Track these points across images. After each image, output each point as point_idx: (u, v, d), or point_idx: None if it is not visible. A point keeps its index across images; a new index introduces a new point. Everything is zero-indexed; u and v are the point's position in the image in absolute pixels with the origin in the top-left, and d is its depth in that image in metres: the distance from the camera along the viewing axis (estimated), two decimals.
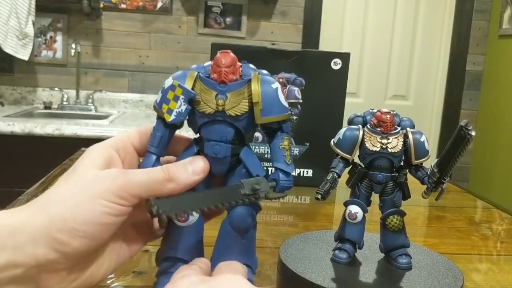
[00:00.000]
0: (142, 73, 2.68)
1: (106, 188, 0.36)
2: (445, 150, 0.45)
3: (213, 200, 0.40)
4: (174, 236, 0.43)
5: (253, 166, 0.43)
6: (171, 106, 0.41)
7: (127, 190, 0.37)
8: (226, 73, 0.41)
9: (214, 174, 0.43)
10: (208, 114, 0.41)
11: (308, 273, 0.46)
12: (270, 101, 0.41)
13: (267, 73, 0.44)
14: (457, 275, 0.48)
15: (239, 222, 0.43)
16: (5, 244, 0.33)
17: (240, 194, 0.41)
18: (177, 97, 0.40)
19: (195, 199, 0.39)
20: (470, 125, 0.42)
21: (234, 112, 0.41)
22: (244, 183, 0.41)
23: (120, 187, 0.37)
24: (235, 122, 0.41)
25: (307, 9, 2.75)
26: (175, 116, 0.41)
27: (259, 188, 0.41)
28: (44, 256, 0.34)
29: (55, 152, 1.31)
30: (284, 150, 0.43)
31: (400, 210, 0.50)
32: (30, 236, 0.34)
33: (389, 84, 2.95)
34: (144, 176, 0.38)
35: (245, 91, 0.41)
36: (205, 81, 0.41)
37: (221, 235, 0.44)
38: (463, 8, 2.88)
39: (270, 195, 0.42)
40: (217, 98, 0.41)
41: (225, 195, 0.41)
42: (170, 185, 0.39)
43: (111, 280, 0.50)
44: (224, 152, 0.42)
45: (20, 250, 0.33)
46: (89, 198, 0.36)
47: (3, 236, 0.33)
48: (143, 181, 0.38)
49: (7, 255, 0.33)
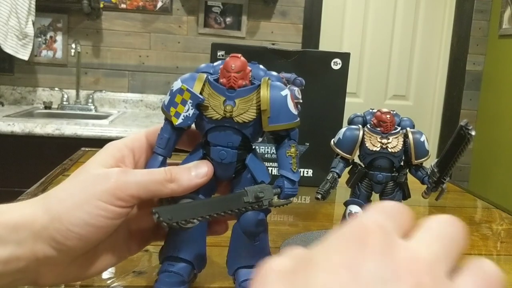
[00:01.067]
0: (142, 73, 2.68)
1: (104, 188, 0.36)
2: (445, 150, 0.45)
3: (215, 208, 0.39)
4: (177, 236, 0.44)
5: (258, 172, 0.43)
6: (179, 109, 0.40)
7: (124, 190, 0.37)
8: (235, 79, 0.40)
9: (219, 179, 0.43)
10: (216, 120, 0.41)
11: None
12: (279, 109, 0.41)
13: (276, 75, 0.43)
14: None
15: (249, 226, 0.43)
16: (8, 239, 0.34)
17: (243, 202, 0.40)
18: (185, 101, 0.40)
19: (197, 207, 0.39)
20: (470, 125, 0.42)
21: (241, 119, 0.40)
22: (248, 191, 0.41)
23: (117, 187, 0.36)
24: (242, 129, 0.41)
25: (307, 9, 2.75)
26: (182, 120, 0.41)
27: (263, 196, 0.41)
28: (42, 252, 0.35)
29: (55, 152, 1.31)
30: (291, 158, 0.43)
31: None
32: (30, 233, 0.35)
33: (389, 84, 2.95)
34: (144, 177, 0.38)
35: (253, 98, 0.41)
36: (214, 85, 0.41)
37: (234, 240, 0.44)
38: (463, 8, 2.88)
39: (274, 203, 0.42)
40: (225, 104, 0.40)
41: (228, 203, 0.40)
42: (171, 186, 0.39)
43: (111, 280, 0.50)
44: (230, 157, 0.42)
45: (22, 245, 0.35)
46: (87, 200, 0.36)
47: (7, 231, 0.35)
48: (142, 181, 0.38)
49: (11, 249, 0.34)
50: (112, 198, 0.36)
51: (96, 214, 0.36)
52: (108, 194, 0.36)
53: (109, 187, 0.36)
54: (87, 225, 0.36)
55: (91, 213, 0.36)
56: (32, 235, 0.35)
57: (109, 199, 0.36)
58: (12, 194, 0.70)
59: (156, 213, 0.37)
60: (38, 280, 0.37)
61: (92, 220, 0.36)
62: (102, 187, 0.36)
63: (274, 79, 0.43)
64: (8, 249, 0.34)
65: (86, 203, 0.36)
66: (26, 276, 0.36)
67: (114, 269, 0.52)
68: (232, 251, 0.45)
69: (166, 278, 0.43)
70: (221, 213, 0.39)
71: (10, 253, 0.34)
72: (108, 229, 0.37)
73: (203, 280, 0.49)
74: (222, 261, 0.47)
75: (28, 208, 0.36)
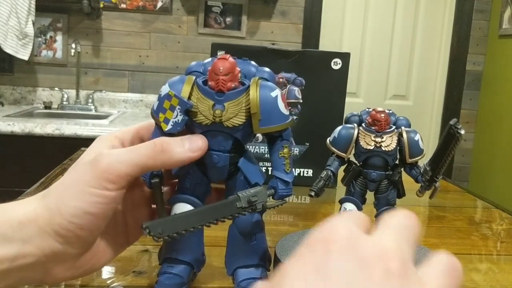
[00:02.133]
0: (142, 73, 2.68)
1: (94, 174, 0.36)
2: (436, 149, 0.45)
3: (207, 217, 0.38)
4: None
5: (251, 174, 0.42)
6: (168, 115, 0.40)
7: (112, 172, 0.36)
8: (224, 82, 0.39)
9: (212, 181, 0.43)
10: (206, 125, 0.40)
11: None
12: (269, 111, 0.40)
13: (269, 71, 0.43)
14: None
15: (245, 227, 0.43)
16: (14, 237, 0.35)
17: (236, 208, 0.40)
18: (174, 107, 0.39)
19: (189, 218, 0.38)
20: (459, 124, 0.42)
21: (231, 123, 0.40)
22: (241, 196, 0.40)
23: (105, 169, 0.36)
24: (233, 133, 0.41)
25: (307, 9, 2.75)
26: (171, 126, 0.40)
27: (256, 200, 0.40)
28: (50, 248, 0.36)
29: (55, 152, 1.31)
30: (284, 159, 0.42)
31: (395, 208, 0.50)
32: (36, 230, 0.35)
33: (389, 84, 2.95)
34: (131, 154, 0.37)
35: (243, 101, 0.40)
36: (202, 89, 0.40)
37: (231, 240, 0.44)
38: (463, 8, 2.88)
39: (268, 204, 0.41)
40: (214, 109, 0.39)
41: (221, 211, 0.39)
42: (162, 157, 0.37)
43: (111, 280, 0.50)
44: (223, 161, 0.41)
45: (28, 242, 0.35)
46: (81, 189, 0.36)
47: (12, 229, 0.35)
48: (129, 159, 0.37)
49: (17, 247, 0.35)
50: (103, 182, 0.36)
51: (92, 201, 0.36)
52: (99, 179, 0.36)
53: (98, 172, 0.36)
54: (86, 214, 0.36)
55: (87, 201, 0.36)
56: (38, 231, 0.35)
57: (100, 184, 0.36)
58: (12, 194, 0.70)
59: (146, 228, 0.36)
60: (45, 277, 0.37)
61: (89, 208, 0.36)
62: (92, 173, 0.36)
63: (266, 75, 0.42)
64: (14, 247, 0.35)
65: (80, 193, 0.36)
66: (33, 274, 0.36)
67: (114, 269, 0.52)
68: (230, 251, 0.45)
69: (166, 280, 0.43)
70: (213, 221, 0.39)
71: (17, 251, 0.35)
72: (106, 215, 0.37)
73: (202, 280, 0.49)
74: (221, 261, 0.47)
75: (31, 205, 0.37)
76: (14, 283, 0.36)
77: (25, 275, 0.36)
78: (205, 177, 0.43)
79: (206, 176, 0.43)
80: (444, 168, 0.45)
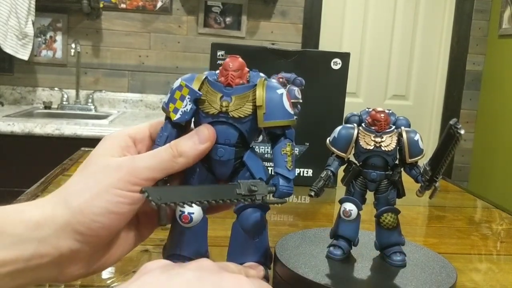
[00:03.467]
0: (142, 73, 2.68)
1: (118, 177, 0.38)
2: (436, 149, 0.45)
3: (206, 195, 0.40)
4: (179, 234, 0.44)
5: (256, 170, 0.43)
6: (177, 105, 0.42)
7: (137, 176, 0.38)
8: (232, 77, 0.41)
9: (217, 177, 0.44)
10: (212, 114, 0.41)
11: (301, 268, 0.46)
12: (274, 106, 0.42)
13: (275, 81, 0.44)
14: (450, 273, 0.48)
15: (249, 224, 0.43)
16: (31, 237, 0.36)
17: (236, 193, 0.41)
18: (184, 96, 0.41)
19: (188, 192, 0.40)
20: (459, 124, 0.42)
21: (237, 114, 0.41)
22: (241, 183, 0.41)
23: (131, 173, 0.38)
24: (238, 125, 0.42)
25: (307, 9, 2.75)
26: (180, 115, 0.42)
27: (256, 190, 0.41)
28: (67, 247, 0.37)
29: (55, 152, 1.30)
30: (286, 156, 0.43)
31: (394, 208, 0.50)
32: (53, 230, 0.36)
33: (389, 84, 2.95)
34: (153, 159, 0.39)
35: (250, 95, 0.42)
36: (212, 83, 0.42)
37: (233, 238, 0.45)
38: (463, 8, 2.88)
39: (268, 200, 0.42)
40: (222, 100, 0.41)
41: (220, 193, 0.41)
42: (180, 160, 0.40)
43: (111, 280, 0.50)
44: (228, 155, 0.42)
45: (44, 242, 0.36)
46: (105, 190, 0.38)
47: (28, 229, 0.36)
48: (152, 164, 0.39)
49: (33, 247, 0.36)
50: (128, 184, 0.38)
51: (116, 201, 0.37)
52: (124, 182, 0.38)
53: (123, 175, 0.38)
54: (110, 213, 0.37)
55: (111, 201, 0.37)
56: (55, 231, 0.36)
57: (125, 186, 0.38)
58: (12, 194, 0.70)
59: (145, 192, 0.37)
60: (59, 276, 0.38)
61: (114, 208, 0.37)
62: (117, 176, 0.38)
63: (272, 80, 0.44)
64: (31, 247, 0.35)
65: (105, 193, 0.37)
66: (48, 273, 0.37)
67: (114, 269, 0.52)
68: (232, 249, 0.45)
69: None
70: (211, 201, 0.40)
71: (33, 251, 0.35)
72: (128, 215, 0.39)
73: None
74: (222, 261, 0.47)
75: (48, 205, 0.37)
76: (29, 282, 0.37)
77: (40, 275, 0.37)
78: (210, 174, 0.43)
79: (211, 173, 0.43)
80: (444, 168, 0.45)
